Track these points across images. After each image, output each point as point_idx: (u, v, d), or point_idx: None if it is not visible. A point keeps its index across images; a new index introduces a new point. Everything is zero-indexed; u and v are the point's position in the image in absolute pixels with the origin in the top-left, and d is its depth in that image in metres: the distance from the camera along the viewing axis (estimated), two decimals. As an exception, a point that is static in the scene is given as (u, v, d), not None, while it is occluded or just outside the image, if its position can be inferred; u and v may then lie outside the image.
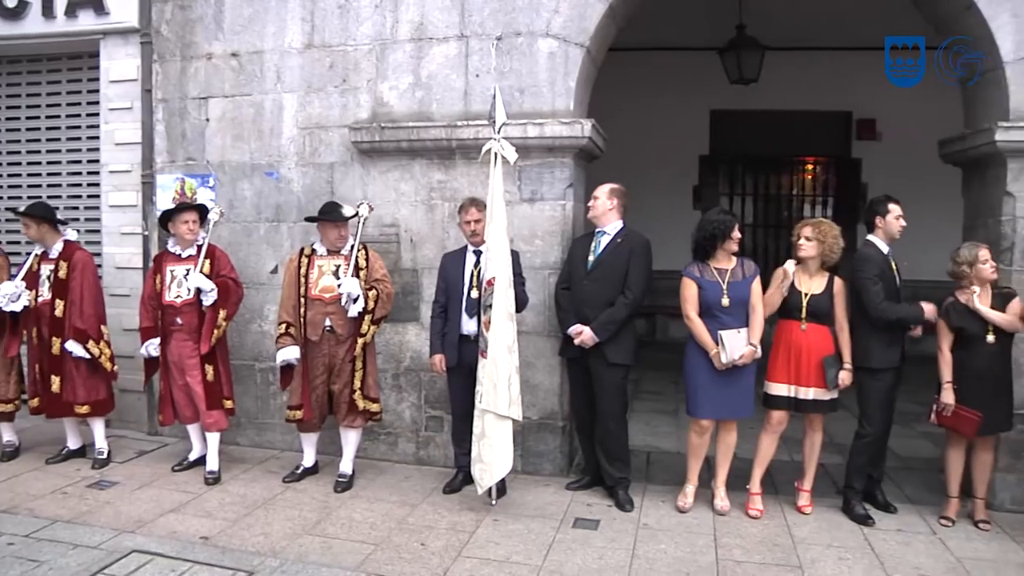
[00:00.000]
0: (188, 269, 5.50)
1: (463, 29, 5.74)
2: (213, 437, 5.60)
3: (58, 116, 6.99)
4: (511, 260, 4.95)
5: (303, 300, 5.32)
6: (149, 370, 5.78)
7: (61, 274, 5.64)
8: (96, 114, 6.73)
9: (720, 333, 4.79)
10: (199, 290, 5.43)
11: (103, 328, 5.76)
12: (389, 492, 5.37)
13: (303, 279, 5.35)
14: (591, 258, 5.14)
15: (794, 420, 5.10)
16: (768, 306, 4.97)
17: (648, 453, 6.30)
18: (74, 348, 5.59)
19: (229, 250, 5.91)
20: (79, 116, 6.94)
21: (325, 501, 5.19)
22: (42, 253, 5.76)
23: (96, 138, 6.73)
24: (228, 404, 5.65)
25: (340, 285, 5.20)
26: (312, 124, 6.07)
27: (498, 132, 4.91)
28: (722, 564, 4.34)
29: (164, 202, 6.29)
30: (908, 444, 6.41)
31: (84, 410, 5.72)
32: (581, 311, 5.07)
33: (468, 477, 5.15)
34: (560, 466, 5.73)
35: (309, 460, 5.66)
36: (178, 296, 5.52)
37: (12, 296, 5.57)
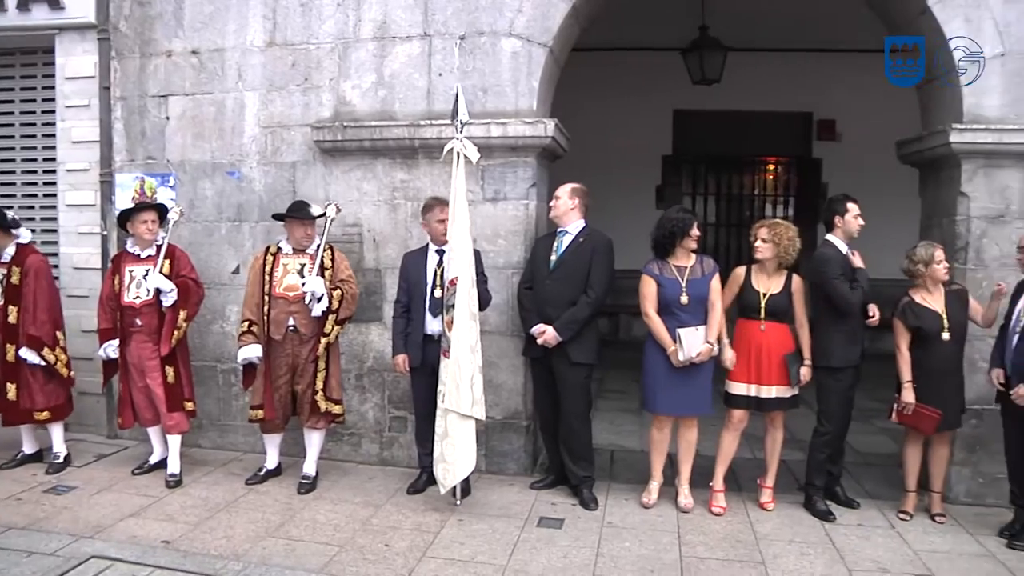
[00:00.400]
0: (147, 269, 5.42)
1: (426, 28, 5.72)
2: (174, 440, 5.52)
3: (11, 113, 6.82)
4: (474, 260, 4.96)
5: (267, 298, 5.28)
6: (108, 372, 5.70)
7: (14, 279, 5.52)
8: (52, 111, 6.58)
9: (678, 331, 4.84)
10: (159, 291, 5.36)
11: (58, 334, 5.67)
12: (353, 493, 5.35)
13: (268, 277, 5.31)
14: (553, 258, 5.15)
15: (755, 417, 5.17)
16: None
17: (612, 451, 6.33)
18: (28, 355, 5.50)
19: (190, 250, 5.83)
20: (34, 113, 6.77)
21: (288, 503, 5.15)
22: (-7, 258, 5.64)
23: (52, 136, 6.58)
24: (189, 406, 5.59)
25: (304, 284, 5.17)
26: (274, 123, 6.01)
27: (461, 131, 4.91)
28: (686, 561, 4.38)
29: (123, 201, 6.18)
30: (867, 440, 6.52)
31: (44, 416, 5.64)
32: (544, 311, 5.09)
33: (432, 478, 5.13)
34: (524, 465, 5.75)
35: (272, 462, 5.61)
36: (137, 297, 5.44)
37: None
